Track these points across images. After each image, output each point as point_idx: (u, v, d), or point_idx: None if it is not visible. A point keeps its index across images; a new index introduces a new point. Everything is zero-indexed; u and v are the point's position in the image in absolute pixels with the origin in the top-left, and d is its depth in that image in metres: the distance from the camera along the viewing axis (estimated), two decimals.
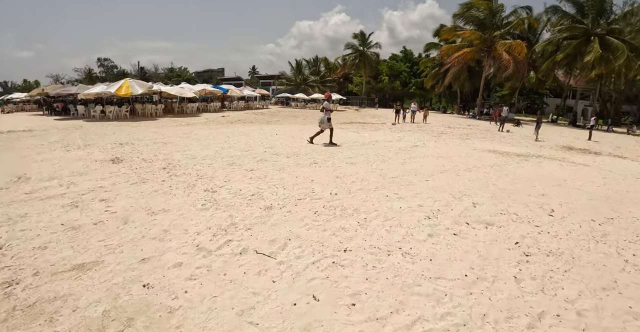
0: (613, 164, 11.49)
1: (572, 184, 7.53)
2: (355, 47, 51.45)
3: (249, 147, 9.66)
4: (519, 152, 12.11)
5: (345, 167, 7.49)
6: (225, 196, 5.06)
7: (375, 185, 6.05)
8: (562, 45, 30.71)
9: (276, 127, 16.06)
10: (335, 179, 6.37)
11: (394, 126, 19.73)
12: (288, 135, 12.90)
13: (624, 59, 27.04)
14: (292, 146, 10.22)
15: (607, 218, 5.38)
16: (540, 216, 5.13)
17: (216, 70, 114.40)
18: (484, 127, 23.87)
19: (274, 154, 8.78)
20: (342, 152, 9.49)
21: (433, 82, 43.55)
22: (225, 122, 18.62)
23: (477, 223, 4.61)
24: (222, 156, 8.13)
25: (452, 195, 5.78)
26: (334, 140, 10.99)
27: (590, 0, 29.36)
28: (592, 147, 16.31)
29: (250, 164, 7.39)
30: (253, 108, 35.90)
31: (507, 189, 6.52)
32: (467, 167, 8.34)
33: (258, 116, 24.57)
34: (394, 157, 9.08)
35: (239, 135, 12.33)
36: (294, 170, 6.94)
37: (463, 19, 33.74)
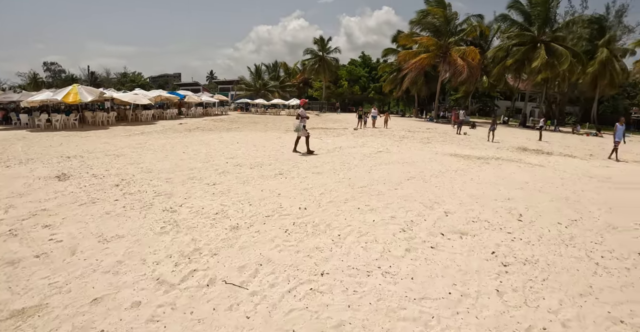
0: (565, 164, 12.10)
1: (534, 186, 7.76)
2: (315, 52, 51.69)
3: (209, 158, 9.14)
4: (479, 155, 12.47)
5: (312, 177, 7.24)
6: (186, 215, 4.62)
7: (345, 196, 5.85)
8: (511, 51, 32.55)
9: (237, 135, 15.53)
10: (303, 191, 6.09)
11: (356, 131, 19.80)
12: (249, 144, 12.47)
13: (568, 64, 29.06)
14: (254, 156, 9.82)
15: (571, 220, 5.53)
16: (510, 222, 5.16)
17: (172, 75, 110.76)
18: (443, 130, 24.61)
19: (237, 165, 8.35)
20: (307, 161, 9.24)
21: (391, 87, 44.59)
22: (183, 130, 17.80)
23: (452, 233, 4.54)
24: (181, 169, 7.59)
25: (422, 204, 5.71)
26: (299, 149, 10.84)
27: (537, 10, 31.42)
28: (544, 148, 17.22)
29: (212, 177, 6.93)
30: (212, 114, 34.85)
31: (474, 195, 6.58)
32: (432, 173, 8.38)
33: (217, 123, 23.81)
34: (360, 165, 8.97)
35: (198, 145, 11.73)
36: (258, 182, 6.59)
37: (419, 25, 34.88)
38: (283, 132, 17.78)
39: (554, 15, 32.35)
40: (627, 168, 12.12)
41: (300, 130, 10.07)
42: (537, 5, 31.18)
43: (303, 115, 10.11)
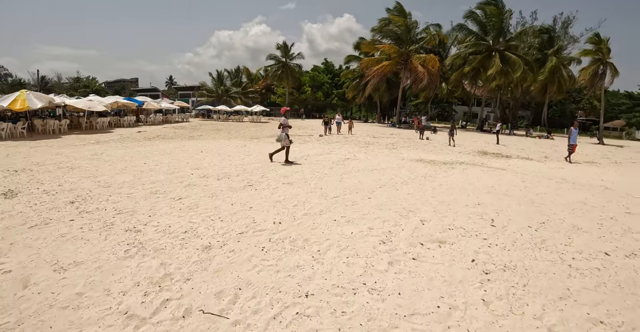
0: (524, 166, 12.66)
1: (499, 190, 7.99)
2: (278, 58, 51.56)
3: (173, 169, 8.63)
4: (444, 160, 12.79)
5: (283, 188, 7.01)
6: (152, 236, 4.23)
7: (319, 208, 5.69)
8: (468, 59, 34.08)
9: (200, 144, 14.96)
10: (275, 203, 5.85)
11: (321, 138, 19.75)
12: (214, 153, 12.01)
13: (521, 72, 30.81)
14: (220, 166, 9.42)
15: (539, 223, 5.71)
16: (484, 228, 5.23)
17: (129, 80, 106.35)
18: (406, 136, 25.18)
19: (203, 176, 7.92)
20: (276, 170, 8.99)
21: (354, 93, 45.28)
22: (142, 138, 16.92)
23: (431, 242, 4.52)
24: (143, 182, 7.08)
25: (397, 212, 5.68)
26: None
27: (492, 20, 33.23)
28: (502, 151, 17.99)
29: (177, 190, 6.50)
30: (172, 122, 33.64)
31: (445, 201, 6.65)
32: (402, 180, 8.43)
33: (178, 131, 22.94)
34: (330, 173, 8.86)
35: (159, 155, 11.12)
36: (228, 196, 6.25)
37: (381, 33, 35.72)
38: (248, 140, 17.40)
39: (507, 25, 34.36)
40: (580, 169, 12.88)
41: (283, 139, 9.79)
42: (492, 16, 33.01)
43: (285, 125, 9.86)
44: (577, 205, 7.17)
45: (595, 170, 13.20)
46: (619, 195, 8.54)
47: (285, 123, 9.86)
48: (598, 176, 11.70)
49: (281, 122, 9.85)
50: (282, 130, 9.77)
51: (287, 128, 9.85)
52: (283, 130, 9.77)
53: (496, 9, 32.87)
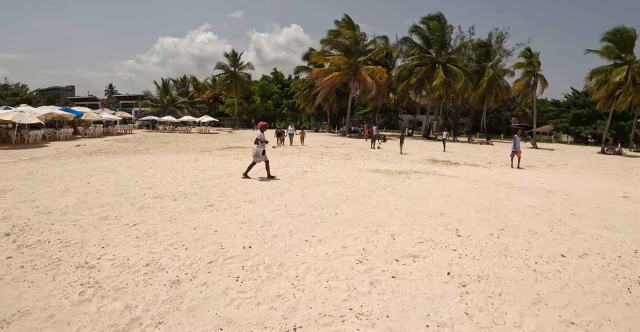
0: (473, 173, 13.33)
1: (456, 198, 8.30)
2: (227, 67, 50.54)
3: (122, 189, 7.88)
4: (399, 170, 13.10)
5: (246, 207, 6.66)
6: (109, 272, 3.72)
7: (288, 228, 5.47)
8: (414, 71, 35.77)
9: (148, 159, 13.99)
10: (241, 225, 5.51)
11: (275, 150, 19.40)
12: (165, 169, 11.22)
13: (462, 83, 32.89)
14: (174, 184, 8.77)
15: (499, 229, 5.97)
16: (451, 238, 5.35)
17: (65, 88, 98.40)
18: (358, 145, 25.61)
19: (157, 196, 7.29)
20: (235, 187, 8.57)
21: (305, 103, 45.54)
22: (82, 153, 15.53)
23: (405, 257, 4.51)
24: (89, 206, 6.35)
25: (367, 228, 5.64)
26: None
27: (435, 34, 35.31)
28: (450, 158, 18.90)
29: (130, 215, 5.90)
30: (114, 134, 31.48)
31: (410, 213, 6.75)
32: (364, 192, 8.44)
33: (122, 144, 21.45)
34: (291, 188, 8.63)
35: (104, 173, 10.17)
36: (188, 218, 5.78)
37: (330, 44, 36.38)
38: (199, 153, 16.58)
39: (449, 39, 36.68)
40: (522, 173, 13.81)
41: (260, 156, 9.41)
42: (435, 31, 35.17)
43: (262, 140, 9.46)
44: (527, 209, 7.63)
45: (535, 174, 14.26)
46: (560, 197, 9.25)
47: (262, 138, 9.50)
48: (538, 179, 12.63)
49: (257, 138, 9.47)
50: (259, 146, 9.40)
51: (264, 144, 9.50)
52: (260, 146, 9.41)
53: (439, 24, 35.08)
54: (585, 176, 14.70)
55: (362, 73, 33.60)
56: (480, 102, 42.03)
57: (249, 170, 9.84)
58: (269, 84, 54.95)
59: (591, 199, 9.40)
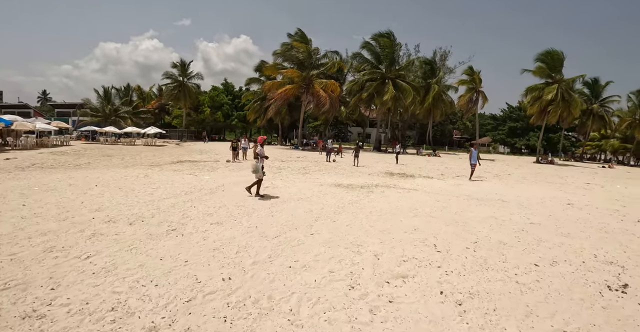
0: (430, 185, 13.68)
1: (424, 212, 8.35)
2: (175, 77, 48.54)
3: (66, 213, 6.82)
4: (360, 183, 13.06)
5: (214, 230, 6.07)
6: (65, 323, 2.99)
7: (266, 253, 5.02)
8: (365, 85, 36.72)
9: (91, 174, 12.60)
10: (214, 252, 4.95)
11: (230, 164, 18.61)
12: (113, 187, 10.05)
13: (411, 98, 34.26)
14: (126, 204, 7.82)
15: (473, 242, 6.07)
16: (432, 255, 5.29)
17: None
18: (313, 159, 25.41)
19: (109, 220, 6.36)
20: (195, 207, 7.84)
21: (256, 115, 44.90)
22: (13, 168, 13.66)
23: (394, 278, 4.35)
24: (29, 235, 5.37)
25: (348, 249, 5.39)
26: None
27: (385, 51, 36.59)
28: (405, 171, 19.34)
29: (80, 244, 5.03)
30: (49, 145, 28.55)
31: (385, 230, 6.62)
32: (333, 209, 8.16)
33: (60, 157, 19.36)
34: (257, 207, 8.11)
35: (42, 192, 8.87)
36: (151, 247, 5.06)
37: (283, 57, 36.31)
38: (148, 168, 15.31)
39: (398, 56, 38.23)
40: (475, 184, 14.38)
41: (259, 171, 9.06)
42: (385, 48, 36.50)
43: (262, 155, 9.11)
44: (491, 220, 7.89)
45: (486, 184, 14.98)
46: (515, 207, 9.75)
47: (262, 153, 9.16)
48: (490, 189, 13.26)
49: (257, 152, 9.13)
50: (259, 161, 9.05)
51: (263, 159, 9.17)
52: (259, 161, 9.06)
53: (389, 41, 36.51)
54: (529, 185, 15.74)
55: (316, 86, 33.83)
56: (426, 116, 44.14)
57: (259, 188, 9.44)
58: (219, 95, 53.50)
59: (542, 207, 10.02)
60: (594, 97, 45.35)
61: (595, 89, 44.98)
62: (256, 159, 9.18)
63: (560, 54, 34.43)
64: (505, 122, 64.97)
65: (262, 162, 9.22)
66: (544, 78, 35.79)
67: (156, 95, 57.61)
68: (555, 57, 34.54)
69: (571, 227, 7.56)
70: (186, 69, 49.13)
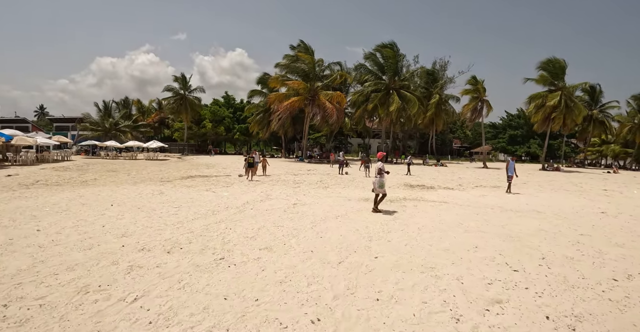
0: (456, 197, 13.14)
1: (471, 227, 7.89)
2: (176, 90, 48.14)
3: (89, 239, 6.02)
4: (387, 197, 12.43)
5: (267, 257, 5.33)
6: None
7: (341, 284, 4.34)
8: (370, 97, 36.54)
9: (102, 192, 11.87)
10: (282, 286, 4.22)
11: (243, 179, 17.82)
12: (130, 206, 9.32)
13: (417, 108, 34.07)
14: (154, 227, 7.05)
15: (540, 258, 5.73)
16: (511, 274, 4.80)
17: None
18: (324, 171, 24.80)
19: (142, 248, 5.55)
20: (232, 228, 7.11)
21: (259, 128, 44.49)
22: (16, 186, 12.95)
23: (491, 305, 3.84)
24: (54, 270, 4.53)
25: (424, 273, 4.87)
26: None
27: (388, 62, 36.57)
28: (422, 182, 18.81)
29: (120, 282, 4.21)
30: (50, 161, 27.79)
31: (448, 249, 6.13)
32: (379, 228, 7.52)
33: (63, 173, 18.67)
34: (298, 227, 7.41)
35: (54, 214, 8.11)
36: (205, 282, 4.24)
37: (287, 69, 36.10)
38: (159, 184, 14.62)
39: (401, 67, 38.25)
40: (499, 195, 13.84)
41: (383, 187, 9.28)
42: (389, 58, 36.48)
43: (383, 170, 9.31)
44: (542, 233, 7.49)
45: (509, 194, 14.44)
46: (554, 218, 9.38)
47: (384, 169, 9.33)
48: (517, 200, 12.80)
49: (379, 168, 9.29)
50: (382, 176, 9.24)
51: (385, 174, 9.33)
52: (382, 176, 9.24)
53: (392, 52, 36.53)
54: (550, 193, 15.30)
55: (321, 98, 33.53)
56: (428, 126, 43.94)
57: (379, 203, 9.53)
58: (220, 108, 53.13)
59: (579, 217, 9.67)
60: (594, 103, 45.50)
61: (594, 95, 45.19)
62: (380, 175, 9.26)
63: (562, 62, 34.57)
64: (505, 130, 65.06)
65: (385, 177, 9.34)
66: (547, 86, 35.84)
67: (156, 109, 57.12)
68: (557, 65, 34.67)
69: (620, 237, 7.31)
70: (187, 82, 48.80)
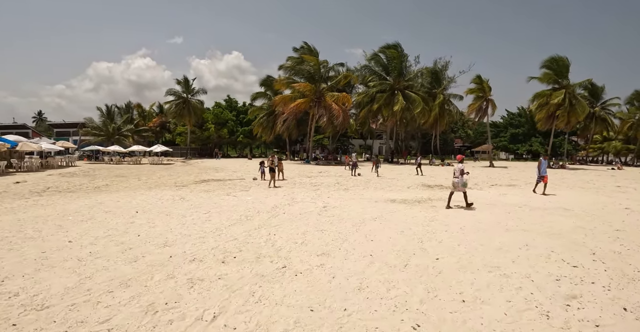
0: (479, 196, 12.99)
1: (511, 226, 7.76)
2: (179, 93, 47.78)
3: (130, 251, 5.64)
4: (411, 198, 12.41)
5: (329, 263, 5.05)
6: None
7: (420, 287, 4.25)
8: (375, 97, 36.44)
9: (121, 198, 11.53)
10: (362, 293, 4.01)
11: (259, 182, 17.49)
12: (157, 212, 9.04)
13: (421, 108, 34.01)
14: (193, 235, 6.74)
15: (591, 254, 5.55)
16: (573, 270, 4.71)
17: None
18: (337, 173, 24.59)
19: (193, 259, 5.24)
20: (276, 234, 6.91)
21: (263, 131, 44.36)
22: (28, 193, 12.65)
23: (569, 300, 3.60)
24: (106, 286, 4.16)
25: (492, 272, 4.72)
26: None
27: (393, 62, 36.54)
28: (437, 182, 18.66)
29: (187, 299, 3.88)
30: (55, 166, 27.48)
31: (498, 248, 5.95)
32: (422, 229, 7.43)
33: (72, 179, 18.35)
34: (342, 230, 7.24)
35: (79, 222, 7.78)
36: (282, 293, 4.03)
37: (293, 71, 35.95)
38: (176, 189, 14.33)
39: (405, 67, 38.20)
40: (523, 193, 13.60)
41: (467, 186, 10.63)
42: (393, 59, 36.41)
43: (465, 172, 10.56)
44: (579, 230, 7.55)
45: (528, 192, 14.32)
46: (584, 214, 9.47)
47: (465, 169, 10.54)
48: (539, 198, 12.73)
49: (461, 169, 10.41)
50: (463, 176, 10.38)
51: (466, 174, 10.59)
52: (462, 176, 10.38)
53: (396, 52, 36.49)
54: (568, 191, 15.26)
55: (327, 99, 33.37)
56: (432, 126, 43.87)
57: (467, 199, 10.56)
58: (223, 112, 52.85)
59: (607, 213, 9.73)
60: (595, 100, 45.61)
61: (596, 92, 45.29)
62: (461, 175, 10.33)
63: (566, 60, 34.63)
64: (506, 129, 65.19)
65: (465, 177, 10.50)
66: (551, 84, 35.84)
67: (157, 113, 56.76)
68: (561, 63, 34.73)
69: None
70: (190, 85, 48.45)
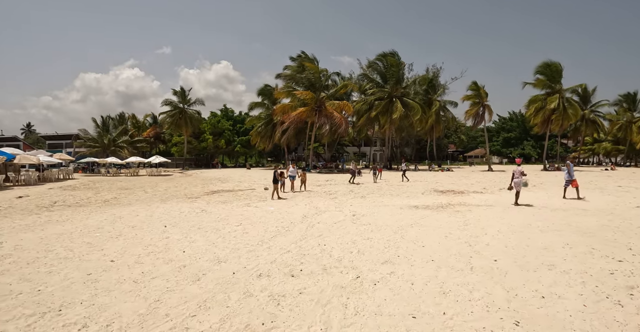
0: (496, 199, 13.42)
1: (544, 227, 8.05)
2: (175, 104, 47.42)
3: (185, 269, 5.42)
4: (431, 203, 12.59)
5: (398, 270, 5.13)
6: None
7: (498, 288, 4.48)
8: (374, 105, 36.77)
9: (140, 212, 11.18)
10: (448, 296, 4.20)
11: (269, 191, 17.41)
12: (188, 227, 8.71)
13: (419, 115, 34.42)
14: (243, 249, 6.54)
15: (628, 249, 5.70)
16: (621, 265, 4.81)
17: None
18: (341, 181, 24.67)
19: (260, 275, 5.06)
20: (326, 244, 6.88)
21: (261, 140, 44.24)
22: (35, 208, 12.17)
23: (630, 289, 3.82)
24: (185, 310, 3.92)
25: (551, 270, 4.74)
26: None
27: (391, 70, 36.91)
28: (450, 188, 18.78)
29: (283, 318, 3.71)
30: (53, 180, 26.88)
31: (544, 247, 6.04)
32: (462, 234, 7.62)
33: (75, 193, 17.82)
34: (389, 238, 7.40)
35: (110, 240, 7.40)
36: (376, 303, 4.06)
37: (292, 79, 36.03)
38: (190, 201, 13.94)
39: (402, 74, 38.70)
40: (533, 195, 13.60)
41: (526, 185, 11.94)
42: (391, 66, 36.82)
43: (524, 173, 11.72)
44: (606, 228, 7.92)
45: (540, 195, 14.66)
46: (601, 213, 9.92)
47: (523, 171, 11.78)
48: (549, 200, 13.03)
49: (521, 171, 11.70)
50: (521, 178, 11.57)
51: (523, 176, 11.69)
52: (521, 177, 11.57)
53: (394, 60, 36.90)
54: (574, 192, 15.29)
55: (328, 108, 33.52)
56: (427, 132, 44.38)
57: (517, 198, 11.87)
58: (219, 121, 52.61)
59: (622, 212, 10.18)
60: (584, 103, 46.70)
61: (586, 95, 46.40)
62: (520, 176, 11.56)
63: (559, 65, 35.53)
64: (499, 133, 66.27)
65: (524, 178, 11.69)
66: (545, 89, 36.65)
67: (151, 124, 56.23)
68: (554, 68, 35.60)
69: None
70: (186, 95, 48.18)
